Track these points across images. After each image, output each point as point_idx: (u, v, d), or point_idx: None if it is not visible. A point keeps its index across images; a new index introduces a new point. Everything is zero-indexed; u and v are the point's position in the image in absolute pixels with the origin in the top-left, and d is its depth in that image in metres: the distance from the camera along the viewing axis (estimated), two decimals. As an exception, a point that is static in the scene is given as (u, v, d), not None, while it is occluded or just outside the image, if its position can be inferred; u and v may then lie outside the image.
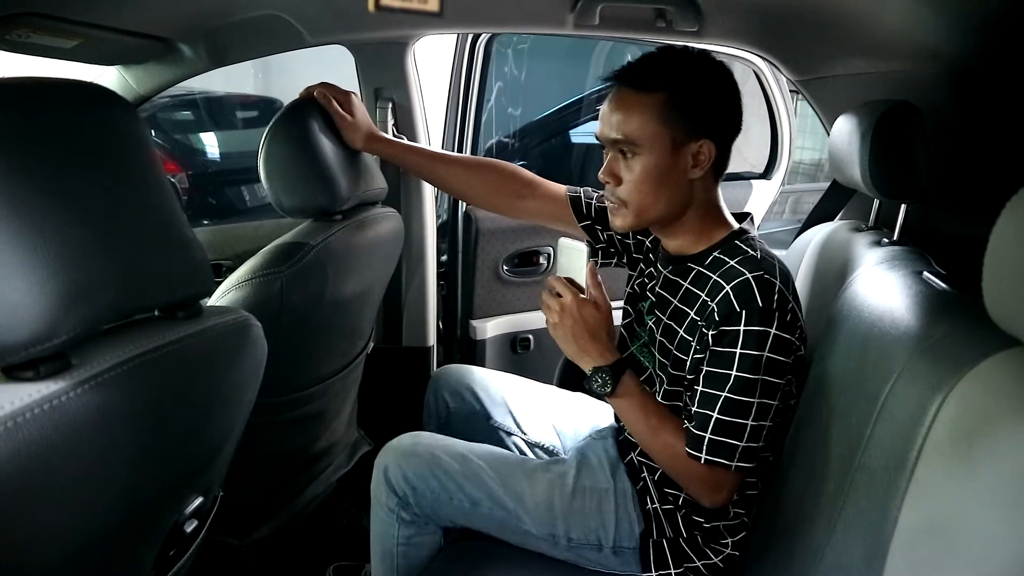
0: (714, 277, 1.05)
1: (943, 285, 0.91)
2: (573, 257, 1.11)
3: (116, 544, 0.73)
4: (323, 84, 1.38)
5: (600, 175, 1.12)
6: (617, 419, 1.28)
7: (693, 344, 1.06)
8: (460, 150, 1.99)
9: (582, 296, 1.07)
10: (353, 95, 1.41)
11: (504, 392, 1.48)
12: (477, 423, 1.44)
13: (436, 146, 1.94)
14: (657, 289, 1.18)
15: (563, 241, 1.13)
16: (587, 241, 1.35)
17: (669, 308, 1.13)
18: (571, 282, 1.09)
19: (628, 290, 1.31)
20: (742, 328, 0.99)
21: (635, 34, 1.70)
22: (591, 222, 1.35)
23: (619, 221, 1.12)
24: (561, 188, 1.40)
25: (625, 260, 1.36)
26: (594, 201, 1.36)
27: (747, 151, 2.56)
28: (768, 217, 2.47)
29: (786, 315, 1.00)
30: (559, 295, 1.08)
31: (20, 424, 0.54)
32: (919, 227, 1.25)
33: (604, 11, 1.43)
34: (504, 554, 1.22)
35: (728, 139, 1.10)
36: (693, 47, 1.10)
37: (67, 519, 0.63)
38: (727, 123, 1.09)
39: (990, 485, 0.60)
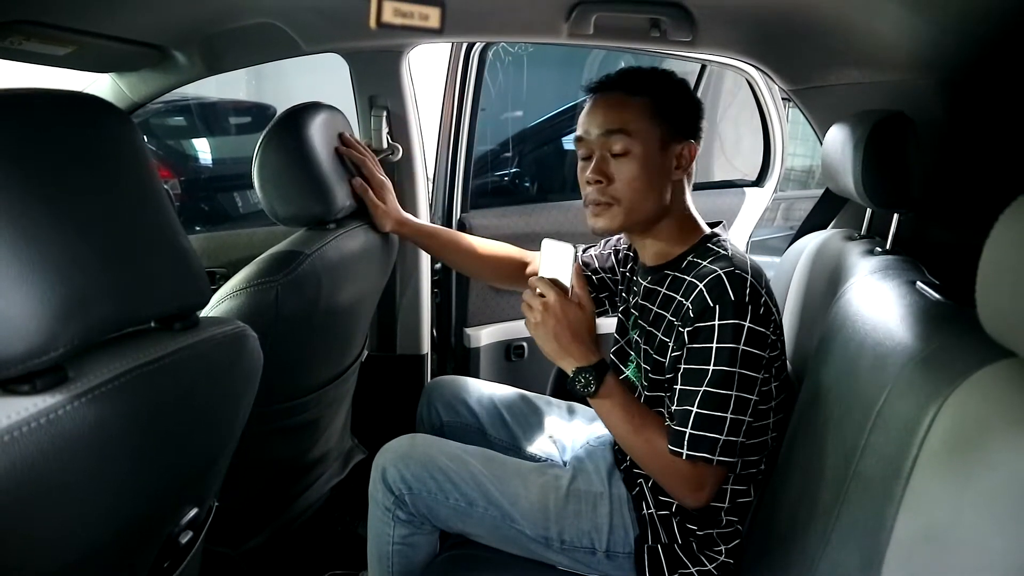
0: (688, 278, 1.08)
1: (936, 296, 0.91)
2: (558, 257, 1.09)
3: (111, 556, 0.73)
4: (360, 175, 1.45)
5: (589, 175, 1.12)
6: None
7: (671, 344, 1.08)
8: (454, 157, 2.00)
9: (566, 297, 1.07)
10: (387, 183, 1.49)
11: (500, 404, 1.48)
12: (472, 437, 1.44)
13: (430, 153, 1.95)
14: (639, 301, 1.21)
15: (547, 242, 1.10)
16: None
17: (650, 315, 1.16)
18: (555, 283, 1.08)
19: (618, 317, 1.34)
20: (716, 323, 1.01)
21: (629, 43, 1.70)
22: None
23: (605, 222, 1.14)
24: None
25: (617, 299, 1.38)
26: (580, 252, 1.41)
27: (738, 160, 2.57)
28: (760, 224, 2.48)
29: (759, 308, 1.02)
30: (542, 295, 1.08)
31: (16, 438, 0.54)
32: (912, 236, 1.26)
33: (598, 21, 1.43)
34: (500, 562, 1.22)
35: (698, 144, 1.17)
36: (659, 68, 1.18)
37: (62, 531, 0.63)
38: (699, 128, 1.17)
39: (985, 495, 0.61)
